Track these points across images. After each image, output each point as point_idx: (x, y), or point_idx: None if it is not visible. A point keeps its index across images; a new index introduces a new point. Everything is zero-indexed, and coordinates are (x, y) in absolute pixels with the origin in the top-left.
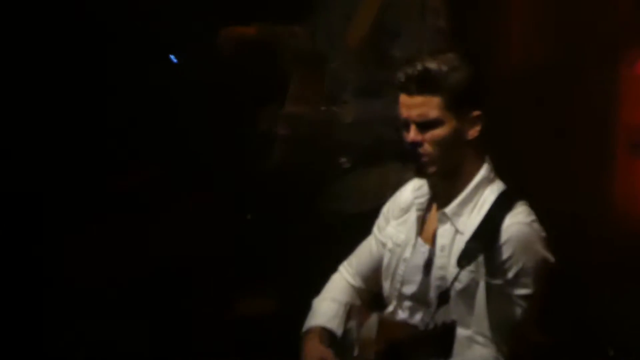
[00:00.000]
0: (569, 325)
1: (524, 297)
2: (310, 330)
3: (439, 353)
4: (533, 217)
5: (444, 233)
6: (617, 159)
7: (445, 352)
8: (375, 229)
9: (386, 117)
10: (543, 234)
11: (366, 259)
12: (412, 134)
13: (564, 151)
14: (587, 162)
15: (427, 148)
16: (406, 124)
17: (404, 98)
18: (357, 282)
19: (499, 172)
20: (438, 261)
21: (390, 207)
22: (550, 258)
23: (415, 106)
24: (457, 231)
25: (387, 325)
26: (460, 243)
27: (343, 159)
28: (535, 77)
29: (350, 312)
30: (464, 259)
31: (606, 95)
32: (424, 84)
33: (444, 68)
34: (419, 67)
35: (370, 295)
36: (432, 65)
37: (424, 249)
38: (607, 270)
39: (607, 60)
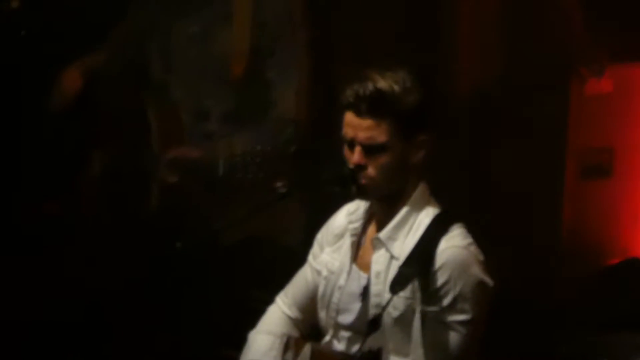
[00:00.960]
0: (514, 355)
1: (462, 323)
2: None
3: None
4: (469, 240)
5: (378, 259)
6: (567, 181)
7: None
8: (310, 257)
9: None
10: (481, 257)
11: (302, 288)
12: (357, 157)
13: (515, 173)
14: (538, 184)
15: (370, 172)
16: (350, 144)
17: (350, 117)
18: (293, 312)
19: (444, 195)
20: (374, 288)
21: (324, 233)
22: (489, 282)
23: (364, 128)
24: (392, 257)
25: (319, 355)
26: (395, 269)
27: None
28: (483, 99)
29: (288, 343)
30: (397, 284)
31: (557, 117)
32: (374, 106)
33: (397, 90)
34: (371, 87)
35: (309, 326)
36: (384, 86)
37: (359, 276)
38: (555, 297)
39: (557, 82)
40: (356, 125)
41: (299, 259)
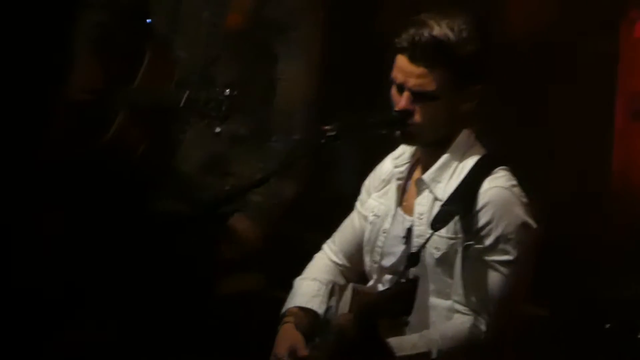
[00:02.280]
0: (564, 298)
1: (504, 264)
2: (288, 312)
3: (402, 309)
4: (514, 182)
5: (422, 201)
6: (617, 124)
7: (407, 308)
8: (357, 204)
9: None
10: (524, 199)
11: (349, 235)
12: (404, 102)
13: (564, 119)
14: (589, 127)
15: (417, 118)
16: (399, 88)
17: (402, 61)
18: (340, 259)
19: (494, 137)
20: (417, 229)
21: (371, 179)
22: (532, 224)
23: (415, 75)
24: (435, 198)
25: (360, 293)
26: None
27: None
28: (534, 43)
29: (333, 290)
30: (438, 222)
31: (606, 61)
32: (428, 54)
33: (453, 39)
34: (427, 34)
35: (355, 273)
36: (440, 34)
37: (403, 219)
38: (604, 242)
39: (607, 25)
40: (407, 71)
41: (348, 204)
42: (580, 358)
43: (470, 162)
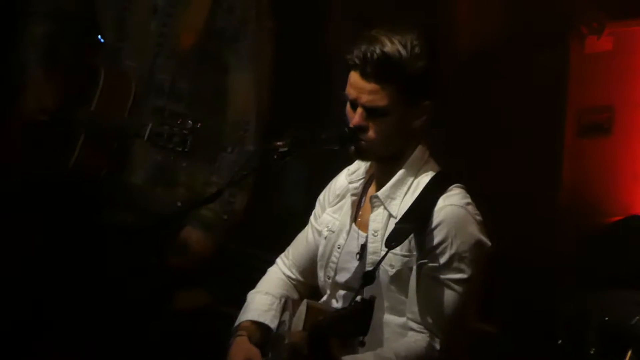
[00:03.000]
0: (515, 314)
1: (458, 282)
2: (241, 327)
3: (357, 329)
4: (468, 199)
5: (376, 217)
6: (567, 139)
7: (362, 328)
8: (311, 219)
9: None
10: (478, 217)
11: (302, 250)
12: (358, 119)
13: (513, 135)
14: (538, 143)
15: (370, 134)
16: (352, 104)
17: (355, 78)
18: (293, 274)
19: (444, 154)
20: (370, 246)
21: (326, 194)
22: (486, 242)
23: (367, 91)
24: (390, 215)
25: (314, 310)
26: (393, 226)
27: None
28: (484, 58)
29: (286, 305)
30: (393, 239)
31: (557, 76)
32: (380, 71)
33: (405, 55)
34: (378, 50)
35: (308, 288)
36: (392, 50)
37: (358, 235)
38: (555, 255)
39: (557, 41)
40: (360, 87)
41: (298, 220)
42: None
43: (425, 179)
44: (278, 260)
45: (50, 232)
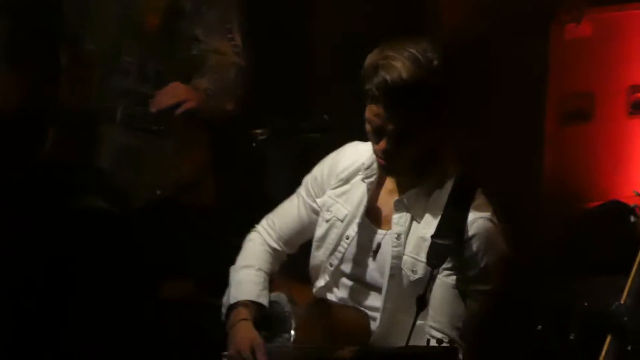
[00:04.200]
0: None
1: (485, 293)
2: (241, 308)
3: None
4: (490, 206)
5: (399, 220)
6: (548, 126)
7: None
8: (302, 192)
9: None
10: (500, 224)
11: (291, 223)
12: (383, 145)
13: (494, 122)
14: (519, 130)
15: (399, 159)
16: (377, 132)
17: (376, 109)
18: (280, 246)
19: None
20: (393, 250)
21: (324, 172)
22: (509, 252)
23: (392, 121)
24: (413, 218)
25: (341, 311)
26: (416, 230)
27: (259, 131)
28: (464, 46)
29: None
30: (434, 258)
31: (537, 62)
32: (404, 98)
33: (424, 75)
34: (397, 78)
35: (285, 257)
36: (411, 74)
37: (373, 230)
38: (536, 241)
39: (537, 28)
40: (384, 117)
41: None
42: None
43: (448, 182)
44: (260, 229)
45: (23, 224)
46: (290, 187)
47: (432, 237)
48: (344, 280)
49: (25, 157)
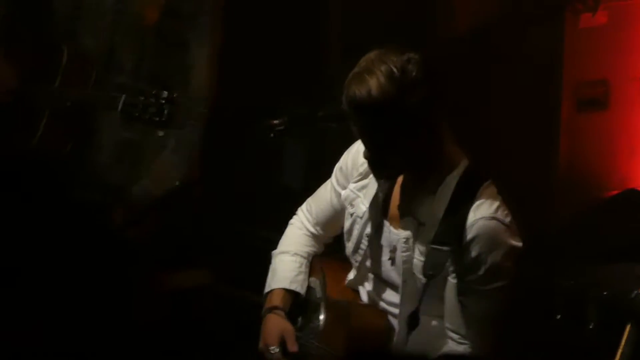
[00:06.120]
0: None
1: (497, 289)
2: (273, 298)
3: None
4: (497, 202)
5: (406, 224)
6: (563, 114)
7: None
8: (334, 182)
9: None
10: (508, 218)
11: (326, 210)
12: (367, 153)
13: (510, 110)
14: (535, 118)
15: (389, 164)
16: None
17: (355, 122)
18: (317, 231)
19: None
20: (403, 255)
21: (349, 165)
22: (518, 244)
23: (368, 134)
24: (419, 222)
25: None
26: (423, 233)
27: (276, 121)
28: (479, 35)
29: (312, 263)
30: (430, 268)
31: (552, 51)
32: (366, 114)
33: (393, 91)
34: (363, 92)
35: (329, 239)
36: (378, 90)
37: (389, 230)
38: (553, 230)
39: (552, 16)
40: (359, 131)
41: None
42: (530, 349)
43: (452, 180)
44: (300, 213)
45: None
46: (308, 177)
47: (431, 243)
48: (369, 275)
49: (17, 142)
